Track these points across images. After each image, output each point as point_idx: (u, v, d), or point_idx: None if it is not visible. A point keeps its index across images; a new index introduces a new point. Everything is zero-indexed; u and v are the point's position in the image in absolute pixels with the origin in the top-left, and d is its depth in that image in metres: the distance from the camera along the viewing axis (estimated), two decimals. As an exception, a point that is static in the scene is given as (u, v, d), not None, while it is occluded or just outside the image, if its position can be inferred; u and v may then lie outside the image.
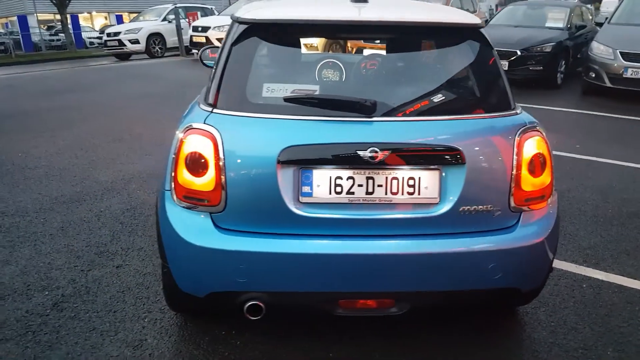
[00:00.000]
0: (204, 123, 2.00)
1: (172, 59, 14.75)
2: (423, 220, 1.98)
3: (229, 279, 2.00)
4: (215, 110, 2.04)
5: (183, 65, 12.79)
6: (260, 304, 2.03)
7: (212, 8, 16.84)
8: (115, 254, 3.13)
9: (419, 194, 1.97)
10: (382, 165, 1.93)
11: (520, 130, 2.03)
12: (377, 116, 1.97)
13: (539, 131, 2.07)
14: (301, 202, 1.96)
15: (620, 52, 7.28)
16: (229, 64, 2.10)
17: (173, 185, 2.04)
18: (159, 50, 15.80)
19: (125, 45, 15.60)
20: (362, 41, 2.19)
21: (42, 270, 2.95)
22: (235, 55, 2.11)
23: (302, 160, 1.94)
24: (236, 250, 1.96)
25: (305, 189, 1.96)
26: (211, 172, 1.96)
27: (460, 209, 1.98)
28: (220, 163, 1.94)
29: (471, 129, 2.02)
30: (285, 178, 1.94)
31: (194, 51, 14.27)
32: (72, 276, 2.88)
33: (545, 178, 2.06)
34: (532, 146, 2.02)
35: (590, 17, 10.25)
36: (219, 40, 12.63)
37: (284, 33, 2.15)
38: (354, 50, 2.26)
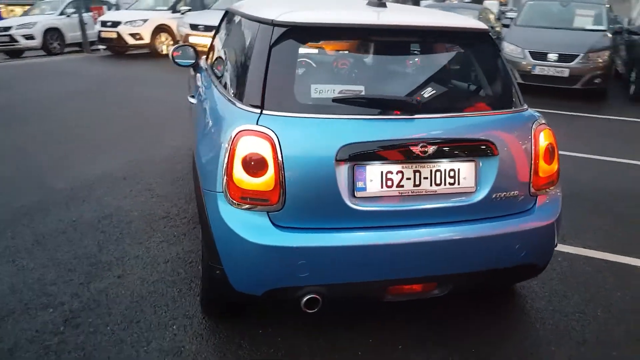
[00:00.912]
0: (258, 124, 2.02)
1: (75, 55, 13.74)
2: (462, 208, 2.17)
3: (289, 274, 2.05)
4: (265, 112, 2.05)
5: (92, 62, 11.99)
6: (317, 296, 2.09)
7: (116, 1, 15.91)
8: (111, 264, 2.98)
9: (458, 184, 2.15)
10: (428, 158, 2.08)
11: (534, 123, 2.29)
12: (420, 113, 2.12)
13: (546, 124, 2.34)
14: (356, 197, 2.06)
15: (529, 51, 8.08)
16: (271, 66, 2.12)
17: (227, 187, 2.03)
18: (57, 47, 14.67)
19: (18, 42, 14.27)
20: (393, 43, 2.32)
21: (35, 286, 2.74)
22: (277, 57, 2.13)
23: (358, 157, 2.03)
24: (297, 246, 2.01)
25: (360, 184, 2.06)
26: (270, 173, 1.99)
27: (493, 196, 2.19)
28: (279, 163, 1.98)
29: (499, 123, 2.24)
30: (341, 175, 2.03)
31: (101, 47, 13.46)
32: (73, 290, 2.72)
33: (554, 166, 2.34)
34: (545, 137, 2.29)
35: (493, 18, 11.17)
36: (133, 35, 12.00)
37: (324, 36, 2.22)
38: (387, 51, 2.38)
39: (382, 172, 2.07)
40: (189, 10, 12.48)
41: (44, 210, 3.66)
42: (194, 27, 11.02)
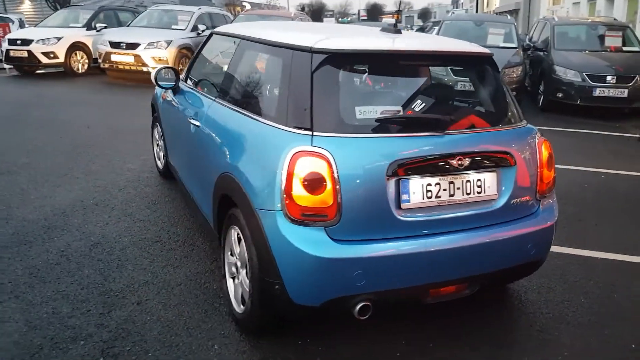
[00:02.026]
0: (313, 145, 2.16)
1: (-24, 76, 12.67)
2: (487, 214, 2.45)
3: (346, 284, 2.19)
4: (316, 133, 2.20)
5: (1, 83, 11.14)
6: (369, 303, 2.26)
7: (20, 19, 14.88)
8: (124, 292, 2.92)
9: (484, 193, 2.43)
10: (461, 171, 2.34)
11: (537, 135, 2.64)
12: (451, 129, 2.38)
13: (543, 136, 2.70)
14: (402, 209, 2.26)
15: None
16: (315, 91, 2.27)
17: (287, 205, 2.14)
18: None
19: None
20: (420, 66, 2.56)
21: (53, 320, 2.63)
22: (319, 82, 2.29)
23: (403, 172, 2.24)
24: (354, 257, 2.17)
25: (404, 196, 2.27)
26: (328, 190, 2.13)
27: (512, 202, 2.50)
28: (335, 181, 2.14)
29: (512, 137, 2.56)
30: (390, 189, 2.23)
31: (7, 67, 12.51)
32: (96, 320, 2.64)
33: (552, 173, 2.69)
34: (545, 148, 2.64)
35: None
36: (47, 54, 11.30)
37: (360, 61, 2.42)
38: (414, 74, 2.62)
39: (422, 185, 2.29)
40: (105, 27, 12.03)
41: (25, 243, 3.45)
42: (114, 45, 10.68)
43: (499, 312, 2.94)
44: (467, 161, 2.33)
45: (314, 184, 2.13)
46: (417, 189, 2.29)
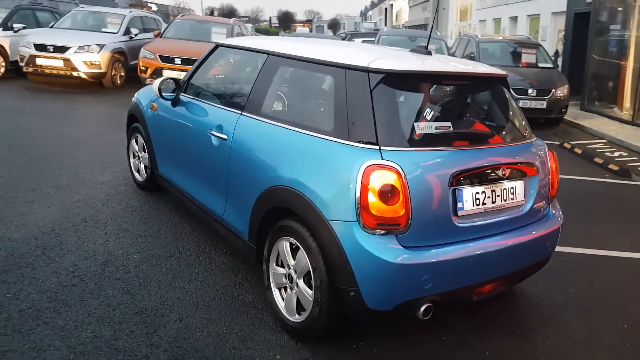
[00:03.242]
0: (383, 159, 2.32)
1: None
2: (517, 218, 2.75)
3: (417, 288, 2.38)
4: (383, 148, 2.36)
5: None
6: (431, 304, 2.45)
7: None
8: (160, 310, 2.86)
9: (516, 199, 2.73)
10: (502, 180, 2.61)
11: (545, 147, 2.99)
12: (492, 143, 2.65)
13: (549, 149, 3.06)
14: (458, 216, 2.49)
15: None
16: (376, 108, 2.43)
17: (362, 216, 2.28)
18: None
19: None
20: (460, 86, 2.82)
21: (99, 344, 2.53)
22: (378, 99, 2.46)
23: (459, 182, 2.46)
24: (424, 262, 2.36)
25: (460, 204, 2.49)
26: (400, 200, 2.30)
27: (534, 206, 2.82)
28: (406, 192, 2.31)
29: (532, 149, 2.88)
30: (450, 198, 2.44)
31: None
32: (145, 341, 2.58)
33: (557, 179, 3.06)
34: (553, 158, 3.00)
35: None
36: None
37: (410, 80, 2.60)
38: (455, 92, 2.86)
39: (472, 194, 2.53)
40: (24, 27, 11.15)
41: (25, 265, 3.23)
42: (40, 47, 9.94)
43: (504, 303, 3.24)
44: (507, 171, 2.61)
45: (387, 195, 2.28)
46: (469, 197, 2.52)
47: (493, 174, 2.59)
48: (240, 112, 3.16)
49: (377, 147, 2.37)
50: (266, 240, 2.86)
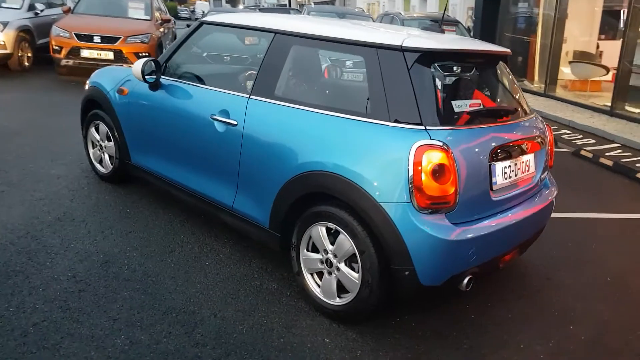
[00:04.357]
0: (432, 139, 2.36)
1: None
2: (530, 188, 2.95)
3: (464, 262, 2.48)
4: (428, 128, 2.41)
5: None
6: (472, 276, 2.57)
7: None
8: (188, 307, 2.73)
9: (529, 171, 2.92)
10: (522, 153, 2.78)
11: (543, 121, 3.21)
12: (514, 118, 2.80)
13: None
14: (493, 190, 2.61)
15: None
16: (415, 87, 2.46)
17: (415, 196, 2.32)
18: None
19: None
20: (483, 64, 2.91)
21: (141, 350, 2.36)
22: (417, 78, 2.48)
23: (494, 158, 2.58)
24: (471, 237, 2.46)
25: (494, 179, 2.62)
26: (450, 179, 2.38)
27: (541, 177, 3.03)
28: (455, 170, 2.38)
29: (538, 122, 3.07)
30: (488, 173, 2.56)
31: None
32: (189, 342, 2.46)
33: (553, 150, 3.29)
34: (550, 130, 3.23)
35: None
36: None
37: (442, 59, 2.65)
38: (479, 70, 2.93)
39: (502, 168, 2.67)
40: None
41: (15, 274, 2.90)
42: None
43: (515, 269, 3.49)
44: (530, 145, 2.78)
45: (439, 174, 2.34)
46: (500, 171, 2.66)
47: (517, 148, 2.74)
48: (247, 95, 3.03)
49: (423, 127, 2.41)
50: (294, 227, 2.82)
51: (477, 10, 14.55)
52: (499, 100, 3.01)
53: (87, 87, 4.38)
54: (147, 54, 9.25)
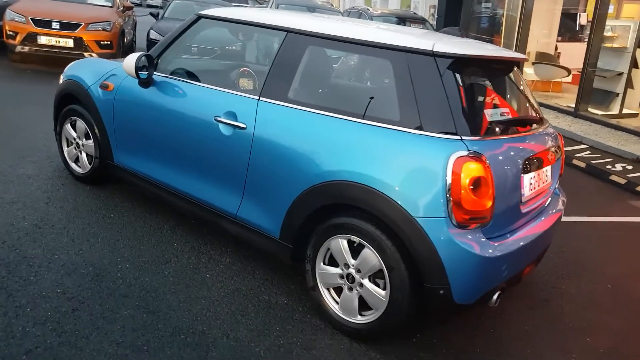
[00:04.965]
0: (469, 150, 2.25)
1: None
2: (548, 197, 2.89)
3: (497, 278, 2.39)
4: (464, 138, 2.29)
5: None
6: (501, 291, 2.49)
7: None
8: (194, 327, 2.51)
9: (547, 181, 2.86)
10: (546, 164, 2.71)
11: (557, 133, 3.17)
12: (537, 127, 2.73)
13: None
14: (522, 202, 2.53)
15: None
16: (449, 95, 2.33)
17: (453, 211, 2.20)
18: None
19: None
20: (505, 70, 2.80)
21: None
22: (449, 85, 2.35)
23: (524, 169, 2.50)
24: (506, 252, 2.37)
25: (522, 190, 2.54)
26: (489, 192, 2.27)
27: (556, 186, 2.99)
28: (492, 183, 2.28)
29: (554, 132, 3.02)
30: (519, 185, 2.48)
31: None
32: (218, 354, 2.25)
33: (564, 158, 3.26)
34: (561, 139, 3.19)
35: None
36: None
37: (473, 65, 2.53)
38: (503, 77, 2.82)
39: (529, 179, 2.60)
40: None
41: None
42: None
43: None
44: (553, 155, 2.72)
45: (477, 187, 2.23)
46: (527, 183, 2.58)
47: (542, 160, 2.67)
48: (256, 97, 2.82)
49: (459, 137, 2.28)
50: (309, 239, 2.65)
51: (440, 8, 14.69)
52: (521, 108, 2.93)
53: (61, 80, 4.03)
54: (109, 43, 8.77)
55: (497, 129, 2.48)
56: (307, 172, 2.55)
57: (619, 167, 6.39)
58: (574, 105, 9.38)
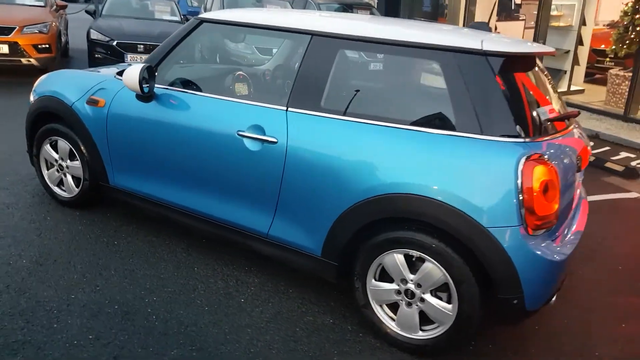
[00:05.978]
0: (536, 152, 2.20)
1: None
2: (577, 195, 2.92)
3: (561, 278, 2.40)
4: (527, 140, 2.23)
5: None
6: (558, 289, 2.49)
7: None
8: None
9: (579, 179, 2.88)
10: (584, 162, 2.72)
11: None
12: (573, 125, 2.73)
13: None
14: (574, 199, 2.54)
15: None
16: (506, 95, 2.26)
17: (525, 218, 2.15)
18: None
19: None
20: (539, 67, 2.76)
21: None
22: (505, 86, 2.28)
23: (578, 168, 2.51)
24: (569, 253, 2.37)
25: (578, 189, 2.54)
26: (557, 195, 2.23)
27: (581, 180, 3.03)
28: (558, 185, 2.24)
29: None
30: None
31: None
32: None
33: None
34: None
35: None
36: None
37: (520, 63, 2.47)
38: (539, 74, 2.76)
39: (579, 176, 2.61)
40: None
41: (21, 345, 2.29)
42: None
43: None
44: (587, 154, 2.74)
45: (548, 191, 2.17)
46: (578, 180, 2.59)
47: (582, 158, 2.67)
48: (284, 107, 2.65)
49: (523, 140, 2.22)
50: (357, 255, 2.54)
51: (380, -9, 14.68)
52: (556, 104, 2.93)
53: (32, 98, 3.64)
54: (47, 46, 8.11)
55: (549, 129, 2.45)
56: (355, 186, 2.43)
57: (583, 145, 6.68)
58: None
